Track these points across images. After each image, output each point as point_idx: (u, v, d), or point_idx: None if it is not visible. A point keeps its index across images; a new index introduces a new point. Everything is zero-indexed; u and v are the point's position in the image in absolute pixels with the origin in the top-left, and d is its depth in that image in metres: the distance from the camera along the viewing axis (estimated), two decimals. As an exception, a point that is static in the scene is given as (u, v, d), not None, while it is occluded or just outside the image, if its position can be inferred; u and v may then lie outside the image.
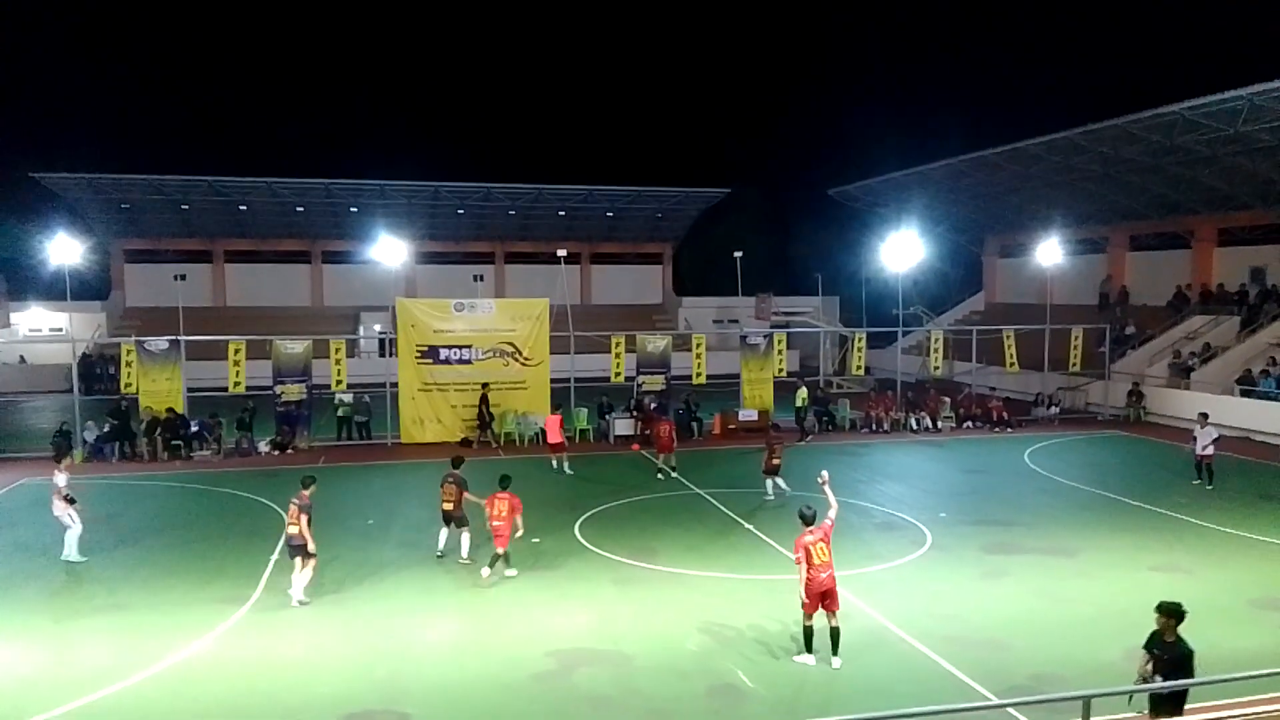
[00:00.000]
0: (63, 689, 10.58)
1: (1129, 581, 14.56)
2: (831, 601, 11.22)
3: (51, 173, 43.26)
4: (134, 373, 26.43)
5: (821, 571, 11.11)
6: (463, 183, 47.51)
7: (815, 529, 11.43)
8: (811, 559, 11.12)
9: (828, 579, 11.14)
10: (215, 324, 37.57)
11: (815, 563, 11.11)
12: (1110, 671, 11.01)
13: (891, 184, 45.32)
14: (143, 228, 49.97)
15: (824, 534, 11.41)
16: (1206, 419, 21.74)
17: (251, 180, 45.14)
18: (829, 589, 11.15)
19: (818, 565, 11.11)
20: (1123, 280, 41.90)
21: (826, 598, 11.18)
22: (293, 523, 13.60)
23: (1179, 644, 8.65)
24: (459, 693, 10.67)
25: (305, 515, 13.53)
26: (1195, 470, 21.38)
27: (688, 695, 10.60)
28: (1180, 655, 8.59)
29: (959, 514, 18.87)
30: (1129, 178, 36.10)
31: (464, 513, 15.66)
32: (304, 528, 13.46)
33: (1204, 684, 9.62)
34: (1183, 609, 8.79)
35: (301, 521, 13.48)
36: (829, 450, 26.72)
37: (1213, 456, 21.11)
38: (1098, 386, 33.87)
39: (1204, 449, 21.11)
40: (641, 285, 56.89)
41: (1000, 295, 49.65)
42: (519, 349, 28.73)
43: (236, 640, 12.23)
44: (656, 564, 15.53)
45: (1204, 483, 21.00)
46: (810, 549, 11.18)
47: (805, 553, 11.18)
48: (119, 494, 21.28)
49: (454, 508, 15.66)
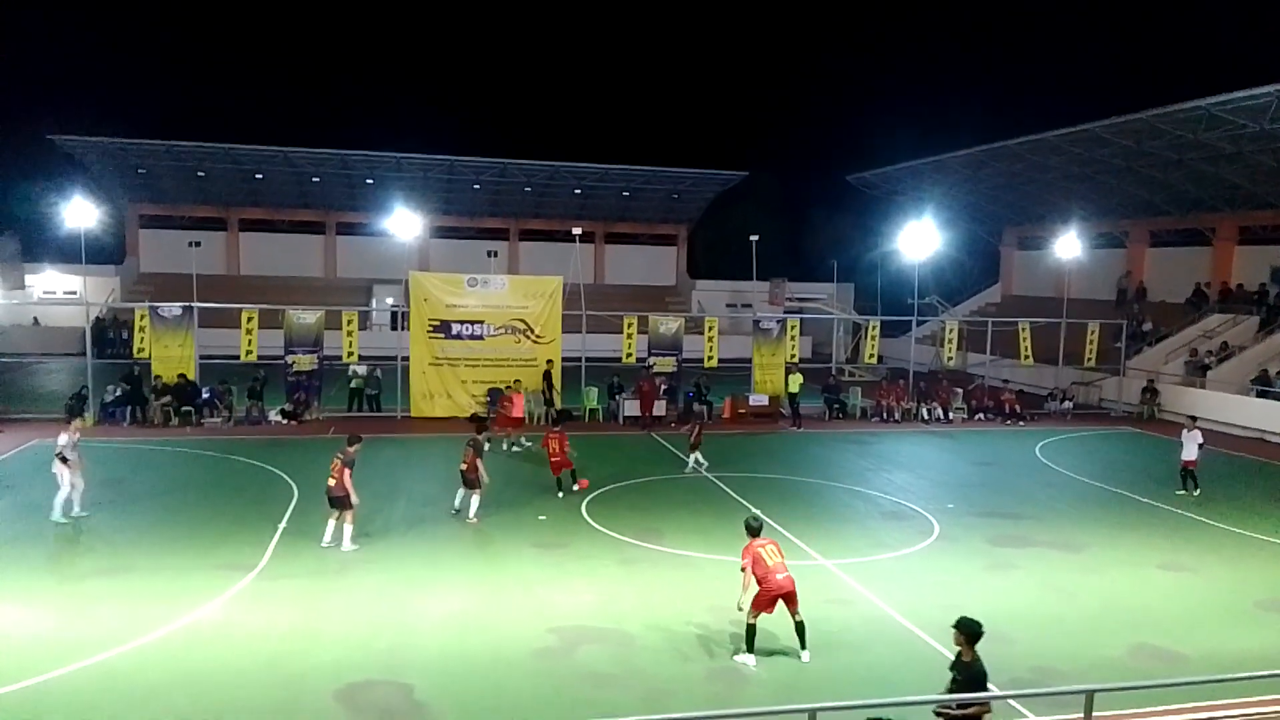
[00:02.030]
0: (67, 650, 10.64)
1: (1135, 578, 14.50)
2: (792, 602, 10.92)
3: (69, 135, 43.32)
4: (147, 338, 26.50)
5: (776, 573, 10.82)
6: (479, 158, 47.37)
7: (765, 539, 11.28)
8: (763, 561, 10.86)
9: (785, 580, 10.83)
10: (228, 292, 37.62)
11: (769, 564, 10.82)
12: (1114, 667, 10.97)
13: (910, 172, 44.99)
14: (158, 193, 50.03)
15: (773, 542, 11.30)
16: (1194, 422, 20.76)
17: (268, 149, 45.11)
18: (789, 590, 10.84)
19: (771, 566, 10.81)
20: (1141, 276, 41.54)
21: (787, 599, 10.88)
22: (334, 475, 14.37)
23: (974, 663, 8.39)
24: (460, 665, 10.70)
25: (348, 469, 14.42)
26: (1180, 479, 20.07)
27: (688, 677, 10.60)
28: (974, 675, 8.32)
29: (967, 505, 18.79)
30: (1151, 172, 35.72)
31: (476, 476, 16.47)
32: (345, 480, 14.32)
33: (1206, 683, 9.60)
34: (978, 628, 8.48)
35: (345, 475, 14.33)
36: (837, 438, 26.66)
37: (1197, 463, 19.96)
38: (1112, 382, 33.64)
39: (1189, 456, 19.91)
40: (655, 266, 56.73)
41: (1017, 288, 49.32)
42: (531, 326, 28.70)
43: (241, 607, 12.28)
44: (662, 545, 15.52)
45: (1189, 492, 19.80)
46: (760, 552, 10.95)
47: (754, 557, 10.91)
48: (129, 458, 21.38)
49: (467, 469, 16.60)
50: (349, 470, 14.46)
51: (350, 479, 14.43)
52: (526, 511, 17.48)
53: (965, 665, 8.39)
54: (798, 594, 10.97)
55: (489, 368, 28.12)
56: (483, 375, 27.96)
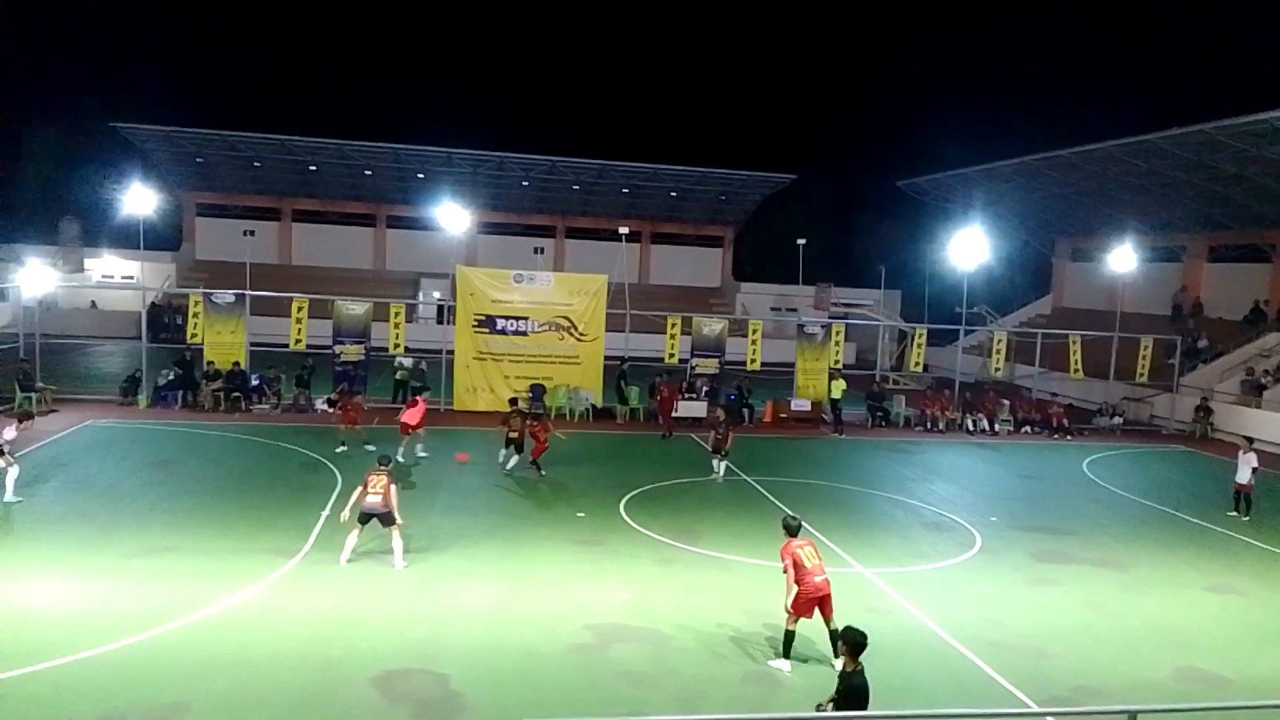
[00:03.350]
0: (113, 627, 10.89)
1: (1181, 599, 14.20)
2: (827, 607, 10.81)
3: (131, 123, 44.34)
4: (200, 324, 27.05)
5: (814, 575, 10.72)
6: (529, 155, 47.69)
7: (802, 539, 11.18)
8: (802, 563, 10.77)
9: (822, 583, 10.72)
10: (280, 281, 38.25)
11: (807, 566, 10.73)
12: (1156, 689, 10.75)
13: (962, 179, 44.43)
14: (215, 182, 51.06)
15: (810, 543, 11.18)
16: (1251, 444, 20.03)
17: (322, 141, 45.89)
18: (825, 594, 10.74)
19: (809, 569, 10.73)
20: (1198, 291, 40.60)
21: (822, 604, 10.77)
22: (380, 491, 13.58)
23: (855, 675, 8.11)
24: (495, 658, 10.77)
25: (395, 485, 13.78)
26: (1234, 501, 19.64)
27: (723, 678, 10.57)
28: (852, 688, 8.04)
29: (1010, 519, 18.52)
30: (1211, 186, 34.92)
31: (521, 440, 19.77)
32: (393, 496, 13.62)
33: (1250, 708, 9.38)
34: (861, 639, 8.18)
35: (392, 492, 13.63)
36: (880, 445, 26.42)
37: (1251, 486, 19.42)
38: (1164, 399, 32.94)
39: (1242, 479, 19.39)
40: (700, 268, 56.66)
41: (1068, 299, 48.48)
42: (575, 324, 28.81)
43: (282, 591, 12.48)
44: (700, 547, 15.50)
45: (1240, 514, 19.32)
46: (799, 553, 10.86)
47: (794, 559, 10.82)
48: (179, 441, 21.84)
49: (518, 435, 19.82)
50: (395, 486, 13.91)
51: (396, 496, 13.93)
52: (565, 508, 17.57)
53: (846, 676, 8.14)
54: (833, 600, 10.86)
55: (532, 364, 28.29)
56: (526, 371, 28.13)
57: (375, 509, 13.62)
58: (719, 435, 20.61)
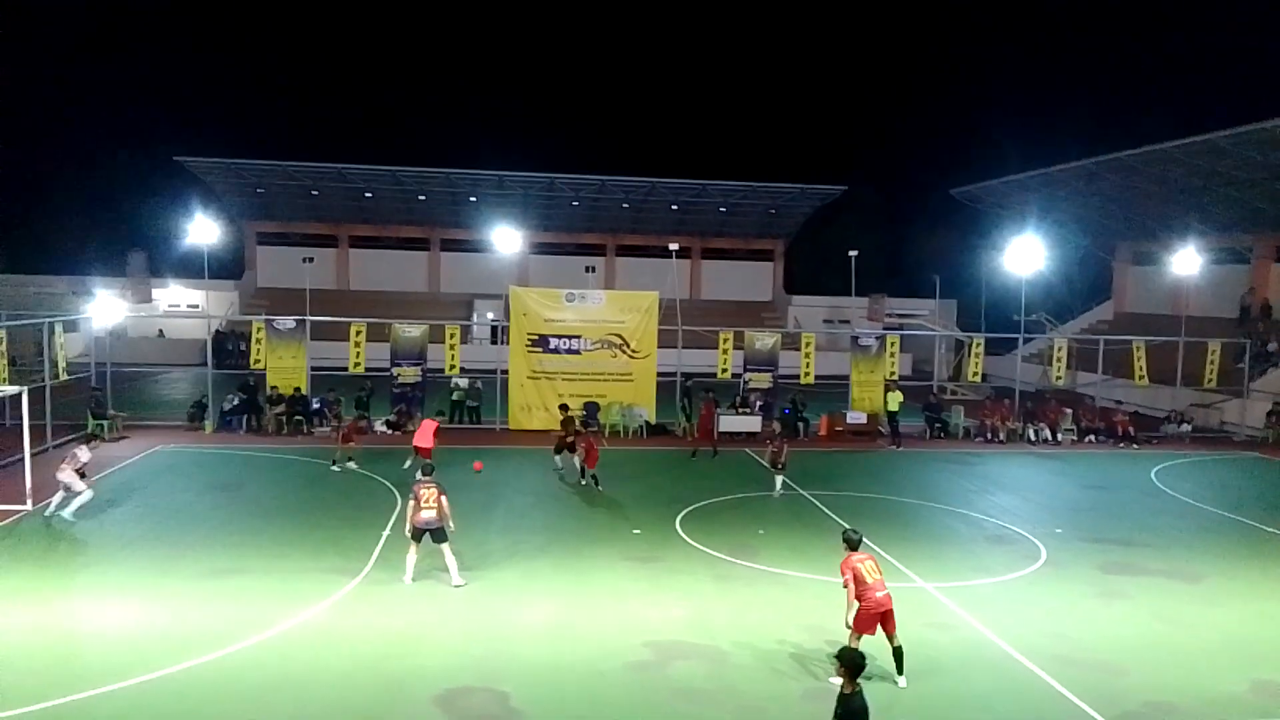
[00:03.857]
0: (181, 647, 11.16)
1: (1257, 611, 13.73)
2: (889, 623, 10.61)
3: (193, 157, 45.70)
4: (263, 349, 27.69)
5: (876, 590, 10.55)
6: (578, 175, 48.10)
7: (862, 553, 11.01)
8: (863, 578, 10.60)
9: (884, 598, 10.54)
10: (338, 306, 39.03)
11: (868, 581, 10.57)
12: (1233, 705, 10.43)
13: (1016, 185, 43.75)
14: (274, 211, 52.34)
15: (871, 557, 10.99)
16: None
17: (377, 169, 46.83)
18: (887, 609, 10.54)
19: (870, 584, 10.56)
20: (1266, 293, 39.36)
21: (885, 620, 10.58)
22: (433, 505, 13.56)
23: (853, 697, 7.81)
24: (554, 676, 10.81)
25: (445, 495, 13.76)
26: None
27: (783, 696, 10.48)
28: (850, 711, 7.75)
29: (1076, 530, 18.10)
30: (1276, 185, 33.91)
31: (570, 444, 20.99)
32: (446, 507, 13.67)
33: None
34: (859, 661, 7.90)
35: (445, 503, 13.66)
36: (939, 457, 26.02)
37: None
38: (1234, 405, 31.97)
39: None
40: (751, 282, 56.49)
41: (1130, 304, 47.38)
42: (627, 341, 28.92)
43: (346, 610, 12.68)
44: (757, 563, 15.40)
45: None
46: (859, 568, 10.70)
47: (854, 574, 10.67)
48: (244, 464, 22.34)
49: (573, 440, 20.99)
50: (446, 497, 13.83)
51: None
52: (621, 525, 17.60)
53: (844, 699, 7.87)
54: (895, 616, 10.71)
55: (586, 382, 28.43)
56: (580, 389, 28.25)
57: (431, 524, 13.64)
58: (774, 449, 20.55)
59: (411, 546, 13.80)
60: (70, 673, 10.45)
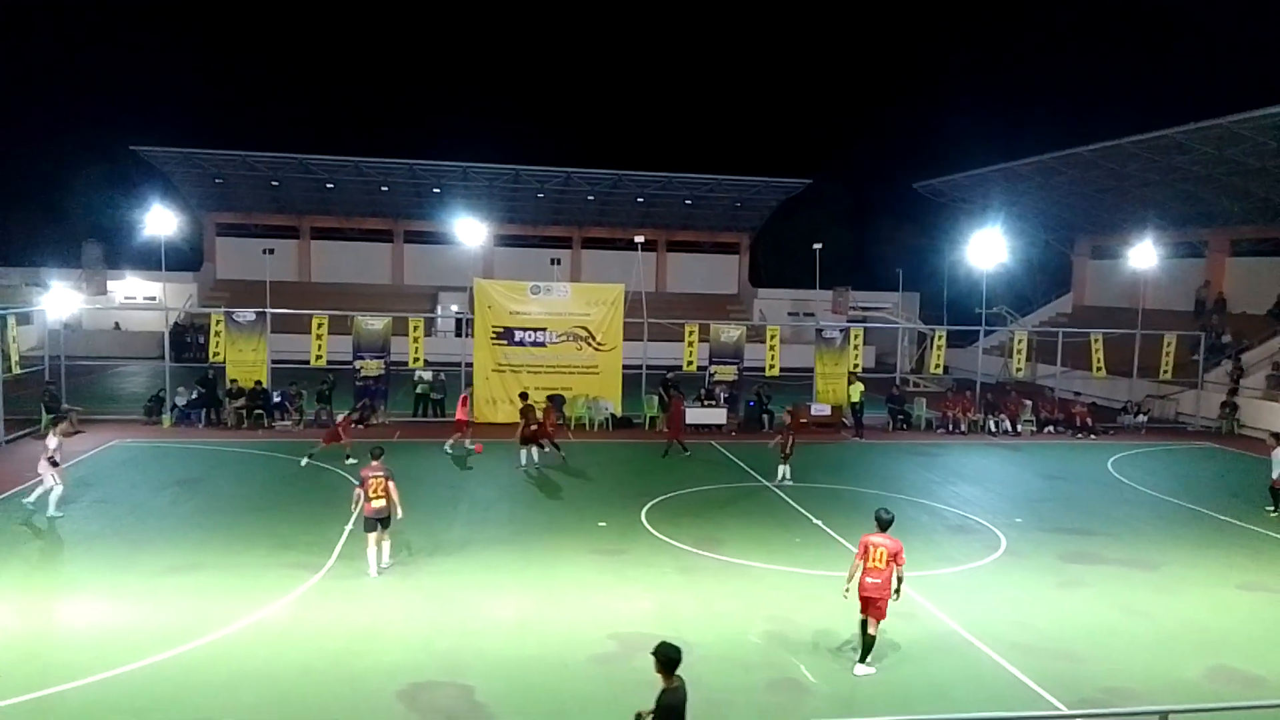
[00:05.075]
0: (142, 644, 10.98)
1: (1213, 599, 14.02)
2: (870, 610, 10.81)
3: (150, 146, 44.87)
4: (222, 342, 27.27)
5: (867, 576, 10.76)
6: (543, 167, 47.88)
7: (887, 536, 11.04)
8: (869, 557, 10.81)
9: (871, 585, 10.74)
10: (300, 298, 38.54)
11: (869, 565, 10.79)
12: (1190, 690, 10.62)
13: (979, 179, 44.20)
14: (234, 202, 51.53)
15: (893, 543, 10.96)
16: (1279, 440, 19.38)
17: (339, 159, 46.27)
18: (869, 597, 10.76)
19: (870, 568, 10.78)
20: (1221, 287, 40.15)
21: (866, 606, 10.79)
22: (382, 494, 13.77)
23: (664, 693, 7.51)
24: (519, 669, 10.77)
25: (393, 483, 13.94)
26: (1271, 497, 19.25)
27: (748, 687, 10.52)
28: (666, 705, 7.48)
29: (1036, 520, 18.36)
30: (1232, 180, 34.57)
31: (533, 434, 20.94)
32: (395, 494, 13.88)
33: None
34: (673, 654, 7.53)
35: (394, 490, 13.87)
36: (902, 449, 26.27)
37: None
38: (1189, 396, 32.60)
39: (1275, 474, 19.01)
40: (717, 275, 56.64)
41: (1089, 298, 48.11)
42: (593, 334, 28.86)
43: (308, 606, 12.54)
44: (722, 554, 15.44)
45: (1277, 510, 19.14)
46: (871, 547, 10.87)
47: (864, 550, 10.88)
48: (203, 459, 22.01)
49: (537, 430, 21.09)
50: (393, 484, 13.97)
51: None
52: (586, 517, 17.57)
53: (663, 693, 7.55)
54: (878, 604, 10.77)
55: (551, 374, 28.35)
56: (545, 382, 28.15)
57: (381, 513, 13.80)
58: (782, 439, 20.92)
59: (369, 538, 13.82)
60: (26, 672, 10.23)
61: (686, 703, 7.54)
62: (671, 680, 7.55)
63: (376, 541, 13.82)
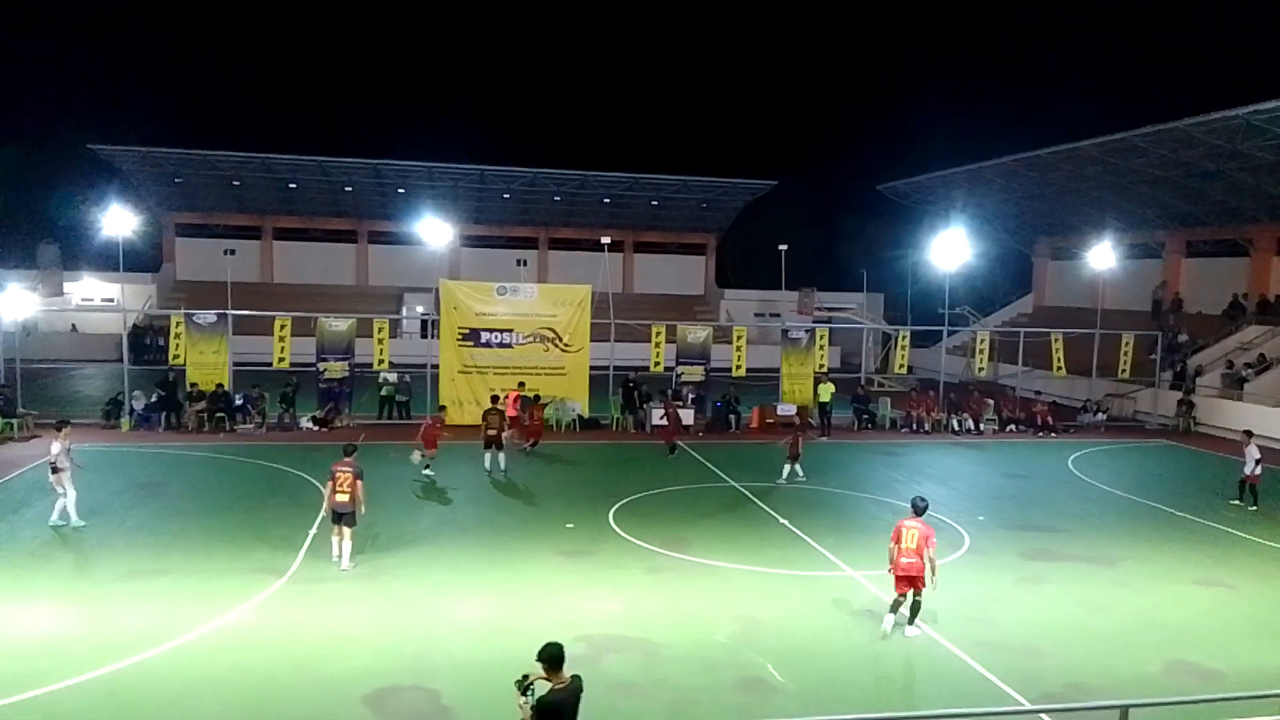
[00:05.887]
0: (102, 651, 10.78)
1: (1171, 594, 14.27)
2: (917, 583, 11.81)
3: (108, 144, 44.09)
4: (182, 344, 26.88)
5: (903, 557, 11.77)
6: (509, 167, 47.70)
7: (920, 521, 12.01)
8: (901, 540, 11.82)
9: (908, 565, 11.74)
10: (262, 299, 38.08)
11: (903, 547, 11.79)
12: (1149, 683, 10.79)
13: (942, 181, 44.72)
14: (194, 202, 50.80)
15: (924, 527, 11.95)
16: (1251, 437, 20.34)
17: (302, 158, 45.76)
18: (907, 575, 11.76)
19: (901, 549, 11.79)
20: (1177, 287, 40.97)
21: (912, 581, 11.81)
22: (346, 490, 13.94)
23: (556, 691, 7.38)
24: (486, 672, 10.70)
25: (360, 481, 14.07)
26: (1238, 490, 20.29)
27: (716, 686, 10.55)
28: (549, 704, 7.27)
29: (998, 518, 18.59)
30: (1188, 182, 35.28)
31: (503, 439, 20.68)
32: (360, 492, 14.02)
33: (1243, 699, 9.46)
34: (556, 653, 7.44)
35: (359, 488, 14.01)
36: (867, 448, 26.48)
37: (1258, 478, 19.91)
38: (1147, 394, 33.19)
39: (1251, 470, 19.83)
40: (684, 275, 56.77)
41: (1050, 298, 48.84)
42: (560, 335, 28.79)
43: (272, 610, 12.39)
44: (689, 554, 15.47)
45: (1246, 504, 19.87)
46: (904, 530, 11.88)
47: (897, 532, 11.91)
48: (163, 463, 21.67)
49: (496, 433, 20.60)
50: (361, 482, 14.13)
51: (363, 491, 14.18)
52: (554, 519, 17.52)
53: (553, 690, 7.44)
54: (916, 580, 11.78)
55: (518, 375, 28.19)
56: (512, 383, 27.94)
57: (343, 508, 13.95)
58: (791, 440, 21.48)
59: (334, 530, 14.01)
60: (-22, 682, 10.00)
61: (580, 698, 7.37)
62: (556, 678, 7.34)
63: (337, 534, 14.07)
